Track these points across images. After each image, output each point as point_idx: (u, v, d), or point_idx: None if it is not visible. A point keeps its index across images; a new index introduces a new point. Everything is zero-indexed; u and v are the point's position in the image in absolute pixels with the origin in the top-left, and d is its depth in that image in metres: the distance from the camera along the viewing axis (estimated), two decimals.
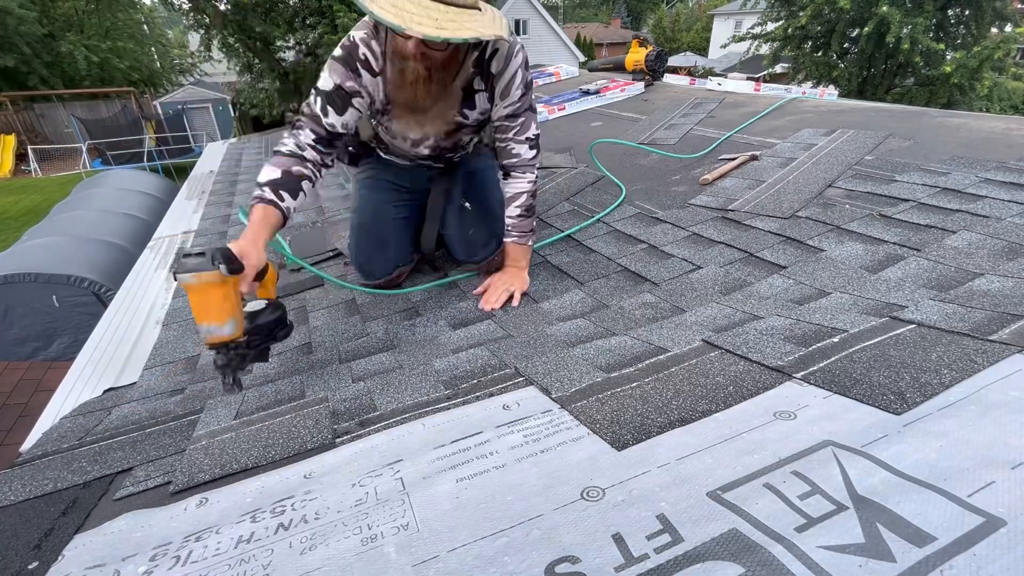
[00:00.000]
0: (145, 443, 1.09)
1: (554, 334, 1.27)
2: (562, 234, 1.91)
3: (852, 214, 1.59)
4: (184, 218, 3.13)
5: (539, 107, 3.66)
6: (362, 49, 1.37)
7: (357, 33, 1.38)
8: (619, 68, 4.50)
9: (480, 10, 1.25)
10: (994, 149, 1.86)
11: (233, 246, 1.09)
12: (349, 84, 1.39)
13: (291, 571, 0.67)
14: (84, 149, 14.18)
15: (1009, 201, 1.46)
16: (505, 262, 1.64)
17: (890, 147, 2.06)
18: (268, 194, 1.31)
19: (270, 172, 1.34)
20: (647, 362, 1.04)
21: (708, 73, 19.44)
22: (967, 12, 9.52)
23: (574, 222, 1.98)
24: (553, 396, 0.97)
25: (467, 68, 1.44)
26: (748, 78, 7.06)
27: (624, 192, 2.14)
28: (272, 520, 0.77)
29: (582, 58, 21.70)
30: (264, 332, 1.18)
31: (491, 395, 1.03)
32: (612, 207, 2.04)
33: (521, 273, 1.63)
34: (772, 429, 0.76)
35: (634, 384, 0.95)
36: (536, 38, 21.65)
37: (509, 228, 1.61)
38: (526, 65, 1.49)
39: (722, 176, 2.10)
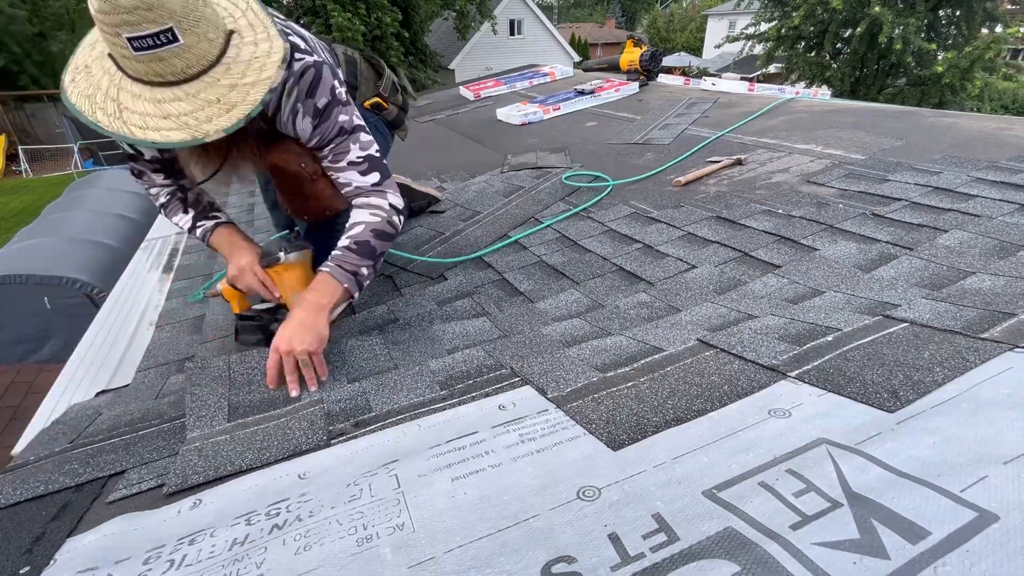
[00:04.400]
0: (138, 445, 1.08)
1: (550, 334, 1.27)
2: (541, 226, 1.91)
3: (845, 213, 1.59)
4: None
5: (534, 107, 3.67)
6: None
7: None
8: (614, 68, 4.51)
9: (220, 62, 0.98)
10: (985, 149, 1.88)
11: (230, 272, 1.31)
12: None
13: (285, 572, 0.67)
14: (76, 149, 14.06)
15: (1000, 200, 1.48)
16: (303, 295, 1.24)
17: (883, 147, 2.08)
18: (205, 223, 1.38)
19: (183, 219, 1.37)
20: (642, 362, 1.04)
21: (702, 73, 19.52)
22: (958, 13, 9.61)
23: (569, 221, 1.98)
24: (549, 396, 0.97)
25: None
26: (742, 78, 7.09)
27: (611, 184, 2.18)
28: (267, 521, 0.77)
29: (577, 58, 21.73)
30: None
31: (487, 395, 1.03)
32: (597, 198, 2.07)
33: (314, 315, 1.18)
34: (767, 428, 0.76)
35: (630, 384, 0.95)
36: (531, 38, 21.65)
37: (331, 255, 1.26)
38: (315, 88, 1.18)
39: (699, 179, 2.11)
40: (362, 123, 1.30)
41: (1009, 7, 11.04)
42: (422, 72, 13.41)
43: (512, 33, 21.24)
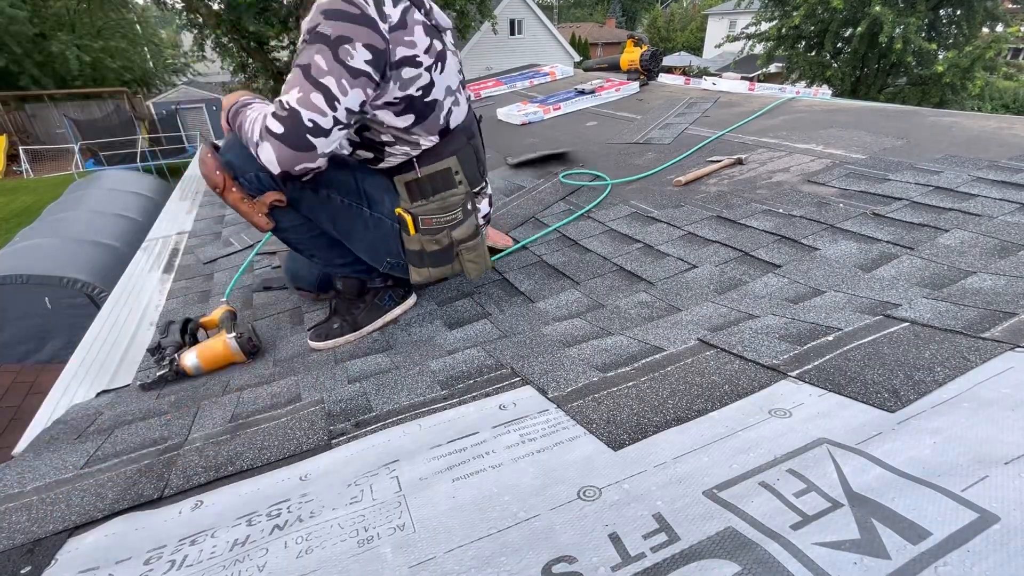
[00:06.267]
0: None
1: (550, 334, 1.27)
2: (548, 229, 1.91)
3: (846, 213, 1.59)
4: (178, 219, 3.11)
5: (535, 107, 3.66)
6: None
7: None
8: (614, 68, 4.51)
9: None
10: (986, 148, 1.87)
11: None
12: None
13: (286, 573, 0.67)
14: (76, 149, 14.08)
15: (1000, 199, 1.47)
16: None
17: (883, 146, 2.07)
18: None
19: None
20: (643, 361, 1.04)
21: (703, 73, 19.50)
22: (959, 12, 9.60)
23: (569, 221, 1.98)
24: (550, 396, 0.97)
25: None
26: (742, 78, 7.08)
27: (609, 184, 2.18)
28: (268, 522, 0.77)
29: (577, 58, 21.72)
30: None
31: (487, 395, 1.03)
32: (598, 200, 2.06)
33: None
34: (767, 427, 0.76)
35: (630, 383, 0.95)
36: (531, 38, 21.63)
37: None
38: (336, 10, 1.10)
39: (699, 178, 2.12)
40: (348, 37, 1.12)
41: (1010, 6, 11.03)
42: None
43: (512, 33, 21.23)
